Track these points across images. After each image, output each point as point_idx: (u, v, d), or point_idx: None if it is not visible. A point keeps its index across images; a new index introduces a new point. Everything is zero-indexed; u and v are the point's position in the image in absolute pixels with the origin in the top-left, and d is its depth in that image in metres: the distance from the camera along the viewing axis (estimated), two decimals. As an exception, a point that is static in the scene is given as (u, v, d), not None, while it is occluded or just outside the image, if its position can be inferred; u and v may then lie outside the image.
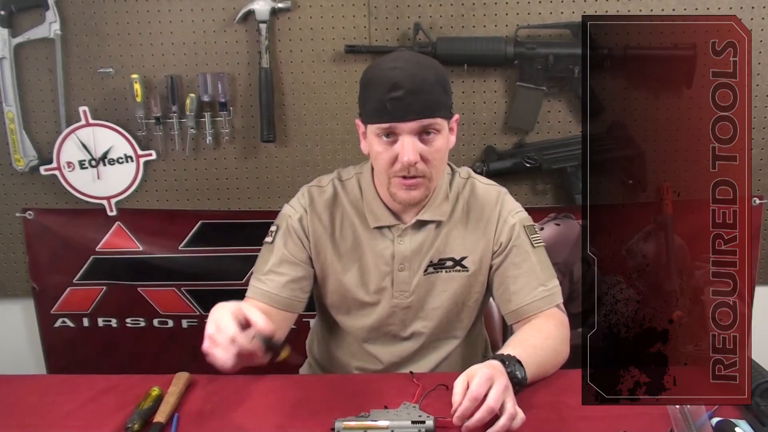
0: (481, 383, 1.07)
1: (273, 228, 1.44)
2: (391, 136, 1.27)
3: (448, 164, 1.46)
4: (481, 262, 1.41)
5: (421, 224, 1.40)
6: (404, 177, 1.29)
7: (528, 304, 1.37)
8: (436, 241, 1.40)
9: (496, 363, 1.15)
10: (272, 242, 1.42)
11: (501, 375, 1.11)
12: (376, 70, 1.30)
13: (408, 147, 1.25)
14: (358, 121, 1.36)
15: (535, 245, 1.40)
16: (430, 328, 1.43)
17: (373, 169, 1.39)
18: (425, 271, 1.40)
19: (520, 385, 1.15)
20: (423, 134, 1.27)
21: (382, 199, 1.39)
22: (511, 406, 1.07)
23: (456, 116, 1.35)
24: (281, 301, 1.39)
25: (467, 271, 1.41)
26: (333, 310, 1.46)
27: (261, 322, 1.09)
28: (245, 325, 1.10)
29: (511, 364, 1.16)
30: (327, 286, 1.44)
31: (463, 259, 1.41)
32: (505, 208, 1.42)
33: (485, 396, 1.06)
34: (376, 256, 1.40)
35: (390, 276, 1.40)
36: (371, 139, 1.31)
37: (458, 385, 1.09)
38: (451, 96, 1.33)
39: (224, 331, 1.08)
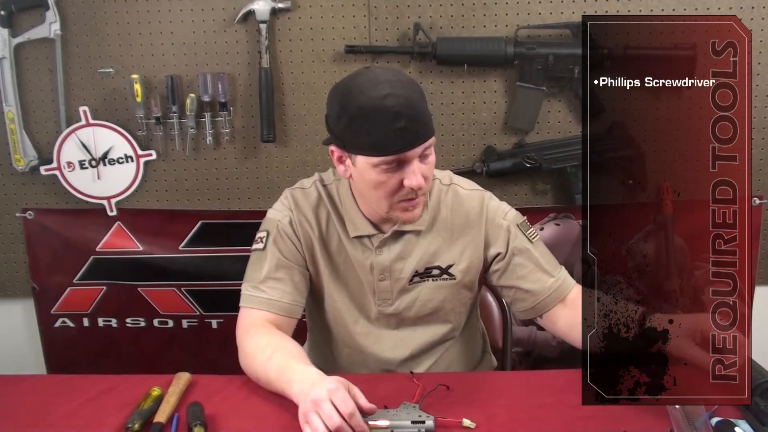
0: None
1: (262, 234, 1.40)
2: (394, 163, 1.25)
3: None
4: (469, 270, 1.41)
5: (399, 234, 1.39)
6: (408, 199, 1.29)
7: (545, 298, 1.38)
8: (418, 249, 1.39)
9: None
10: (264, 248, 1.39)
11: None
12: (366, 100, 1.23)
13: (417, 172, 1.25)
14: (332, 148, 1.32)
15: (533, 240, 1.40)
16: (421, 334, 1.43)
17: (356, 191, 1.36)
18: (410, 280, 1.40)
19: None
20: (421, 155, 1.26)
21: (361, 210, 1.38)
22: None
23: None
24: (284, 308, 1.36)
25: (454, 279, 1.40)
26: (329, 312, 1.45)
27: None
28: None
29: None
30: (321, 290, 1.43)
31: (449, 267, 1.40)
32: (493, 212, 1.40)
33: None
34: (357, 264, 1.40)
35: (372, 285, 1.40)
36: (367, 170, 1.26)
37: None
38: None
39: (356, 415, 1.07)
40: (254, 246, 1.42)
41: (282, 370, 1.20)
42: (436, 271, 1.40)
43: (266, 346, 1.26)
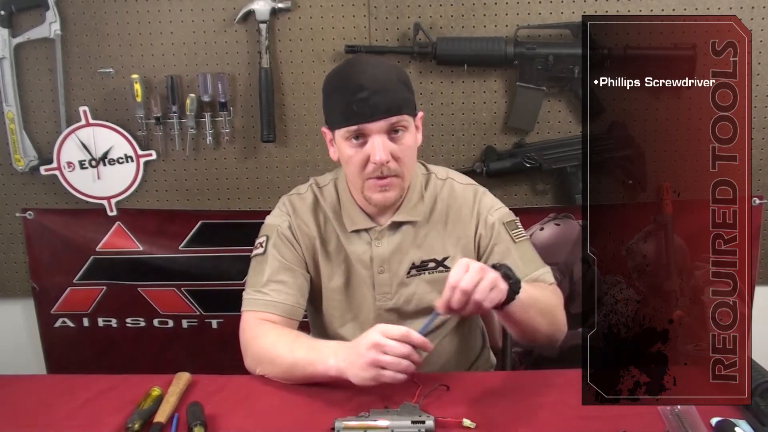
0: (459, 270, 1.12)
1: (261, 240, 1.42)
2: (361, 138, 1.28)
3: (423, 164, 1.46)
4: None
5: (396, 225, 1.40)
6: (378, 178, 1.30)
7: None
8: (415, 242, 1.40)
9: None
10: (264, 253, 1.40)
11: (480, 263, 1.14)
12: (339, 76, 1.31)
13: (378, 146, 1.27)
14: (324, 129, 1.37)
15: (517, 240, 1.41)
16: (418, 325, 1.42)
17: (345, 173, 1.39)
18: (408, 273, 1.41)
19: (514, 281, 1.16)
20: (392, 133, 1.29)
21: (357, 203, 1.40)
22: (485, 284, 1.11)
23: (420, 113, 1.36)
24: (287, 309, 1.37)
25: (450, 270, 1.41)
26: (325, 315, 1.46)
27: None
28: None
29: (501, 267, 1.17)
30: (320, 291, 1.43)
31: (445, 259, 1.41)
32: (484, 207, 1.42)
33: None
34: (356, 259, 1.40)
35: (371, 279, 1.40)
36: (340, 144, 1.31)
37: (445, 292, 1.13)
38: (414, 94, 1.34)
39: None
40: (254, 252, 1.43)
41: (312, 348, 1.23)
42: (432, 264, 1.41)
43: (287, 335, 1.29)
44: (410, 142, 1.31)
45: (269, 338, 1.30)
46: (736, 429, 1.07)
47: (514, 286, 1.16)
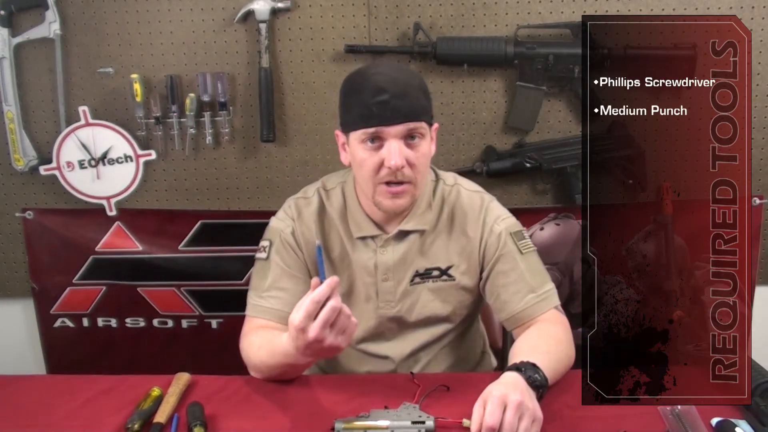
0: (494, 410, 1.04)
1: (265, 243, 1.42)
2: (377, 141, 1.27)
3: (433, 169, 1.45)
4: (467, 271, 1.40)
5: (404, 234, 1.38)
6: (390, 184, 1.29)
7: (520, 311, 1.35)
8: (422, 250, 1.39)
9: (511, 376, 1.12)
10: (267, 258, 1.40)
11: (515, 391, 1.07)
12: (359, 78, 1.30)
13: (395, 151, 1.25)
14: (337, 132, 1.36)
15: (524, 251, 1.38)
16: (421, 334, 1.43)
17: (355, 178, 1.38)
18: (411, 281, 1.40)
19: (543, 388, 1.13)
20: (408, 139, 1.27)
21: (364, 209, 1.39)
22: (526, 424, 1.04)
23: (436, 125, 1.35)
24: (284, 317, 1.33)
25: (454, 280, 1.40)
26: None
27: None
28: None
29: (527, 370, 1.13)
30: None
31: (449, 268, 1.40)
32: (490, 216, 1.40)
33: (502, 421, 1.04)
34: (359, 267, 1.39)
35: (374, 287, 1.40)
36: (355, 147, 1.30)
37: (476, 413, 1.07)
38: (432, 104, 1.33)
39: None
40: (258, 255, 1.42)
41: (274, 354, 1.23)
42: (436, 272, 1.40)
43: (263, 341, 1.29)
44: (425, 150, 1.30)
45: (254, 346, 1.31)
46: (736, 429, 1.07)
47: (542, 390, 1.12)
